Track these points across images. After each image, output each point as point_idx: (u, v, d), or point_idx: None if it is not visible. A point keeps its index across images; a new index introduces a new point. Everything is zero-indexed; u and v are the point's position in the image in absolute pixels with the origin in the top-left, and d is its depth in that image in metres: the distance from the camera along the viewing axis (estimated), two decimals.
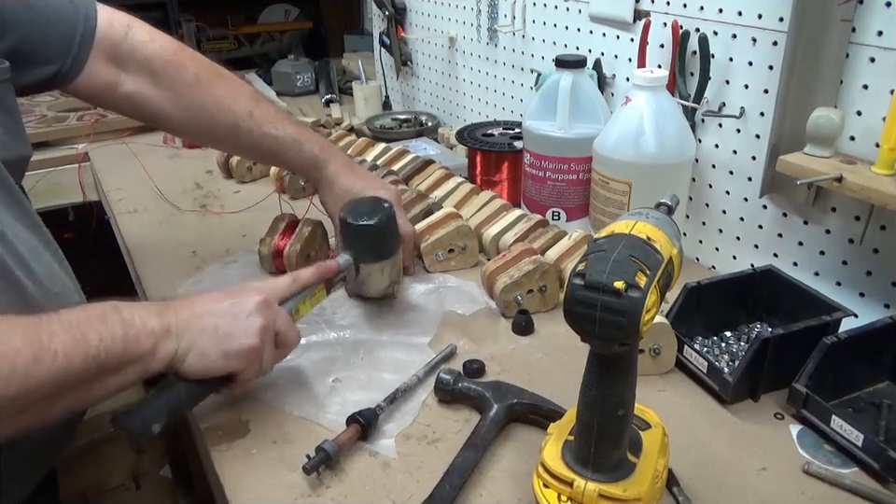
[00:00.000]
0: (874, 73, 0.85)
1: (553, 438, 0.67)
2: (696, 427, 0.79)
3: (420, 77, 1.93)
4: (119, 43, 0.93)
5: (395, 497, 0.70)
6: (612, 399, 0.60)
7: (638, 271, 0.54)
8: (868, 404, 0.81)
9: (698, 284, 0.91)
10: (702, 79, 1.05)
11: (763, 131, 0.99)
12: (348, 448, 0.75)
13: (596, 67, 1.26)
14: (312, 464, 0.71)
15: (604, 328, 0.55)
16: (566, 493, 0.63)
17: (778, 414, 0.81)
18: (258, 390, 0.84)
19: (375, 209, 0.93)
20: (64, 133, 1.75)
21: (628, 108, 1.04)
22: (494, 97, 1.63)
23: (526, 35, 1.46)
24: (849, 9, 0.85)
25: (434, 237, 1.10)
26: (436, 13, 1.77)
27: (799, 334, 0.81)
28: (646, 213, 0.61)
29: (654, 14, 1.13)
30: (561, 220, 1.22)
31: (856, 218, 0.91)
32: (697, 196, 1.14)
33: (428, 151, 1.55)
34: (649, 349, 0.86)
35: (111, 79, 0.93)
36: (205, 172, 1.56)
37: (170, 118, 0.97)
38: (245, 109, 0.98)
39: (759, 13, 0.97)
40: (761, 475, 0.73)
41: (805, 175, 0.86)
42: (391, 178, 1.30)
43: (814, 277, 0.97)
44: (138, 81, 0.95)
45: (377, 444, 0.77)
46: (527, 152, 1.22)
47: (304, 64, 2.26)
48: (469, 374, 0.86)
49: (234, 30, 3.32)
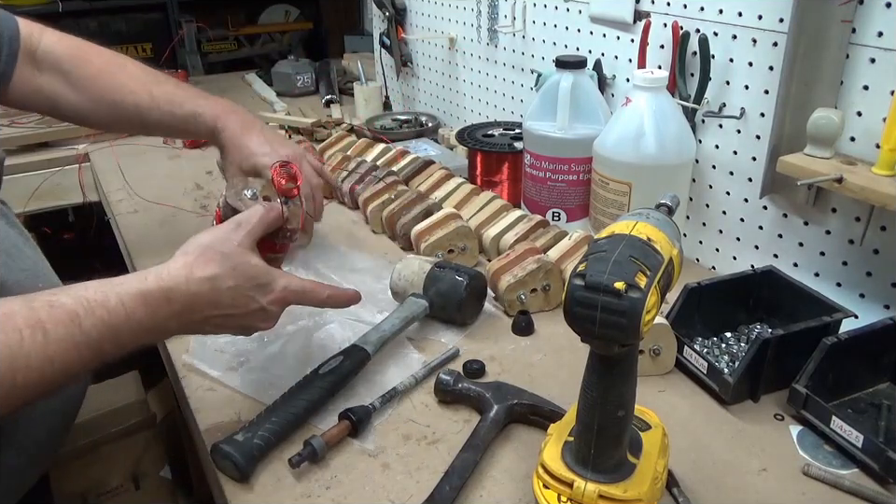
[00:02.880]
0: (874, 74, 0.85)
1: (552, 438, 0.67)
2: (696, 428, 0.79)
3: (420, 77, 1.93)
4: (36, 49, 0.99)
5: (395, 498, 0.70)
6: (612, 400, 0.60)
7: (639, 271, 0.54)
8: (868, 405, 0.81)
9: (698, 284, 0.91)
10: (702, 80, 1.05)
11: (764, 131, 0.99)
12: (335, 444, 0.75)
13: (597, 68, 1.26)
14: (297, 458, 0.72)
15: (604, 328, 0.55)
16: (566, 493, 0.63)
17: (778, 415, 0.81)
18: (257, 391, 0.84)
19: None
20: (64, 133, 1.75)
21: (628, 109, 1.04)
22: (494, 98, 1.63)
23: (527, 35, 1.46)
24: (849, 10, 0.85)
25: (434, 237, 1.11)
26: (436, 14, 1.77)
27: (799, 335, 0.81)
28: (646, 213, 0.61)
29: (655, 15, 1.13)
30: (561, 221, 1.22)
31: (856, 219, 0.91)
32: (697, 197, 1.14)
33: (429, 152, 1.55)
34: (649, 350, 0.86)
35: (34, 84, 0.99)
36: (205, 172, 1.56)
37: (83, 112, 1.03)
38: (145, 91, 1.03)
39: (759, 14, 0.97)
40: (761, 476, 0.73)
41: (805, 176, 0.86)
42: (391, 178, 1.30)
43: (814, 278, 0.97)
44: (53, 82, 1.00)
45: (363, 439, 0.77)
46: (528, 153, 1.22)
47: (304, 65, 2.26)
48: (470, 375, 0.86)
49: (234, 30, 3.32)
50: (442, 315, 0.97)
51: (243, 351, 0.91)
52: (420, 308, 0.94)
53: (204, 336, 0.93)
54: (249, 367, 0.88)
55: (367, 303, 1.02)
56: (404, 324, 0.91)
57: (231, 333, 0.75)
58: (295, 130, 1.80)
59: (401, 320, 0.91)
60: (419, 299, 0.95)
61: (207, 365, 0.89)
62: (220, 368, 0.88)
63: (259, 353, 0.91)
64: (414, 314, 0.93)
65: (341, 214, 1.36)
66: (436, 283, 0.95)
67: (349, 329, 0.95)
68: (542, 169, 1.19)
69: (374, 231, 1.27)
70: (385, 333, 0.88)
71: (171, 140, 1.76)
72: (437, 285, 0.95)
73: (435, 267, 0.97)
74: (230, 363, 0.89)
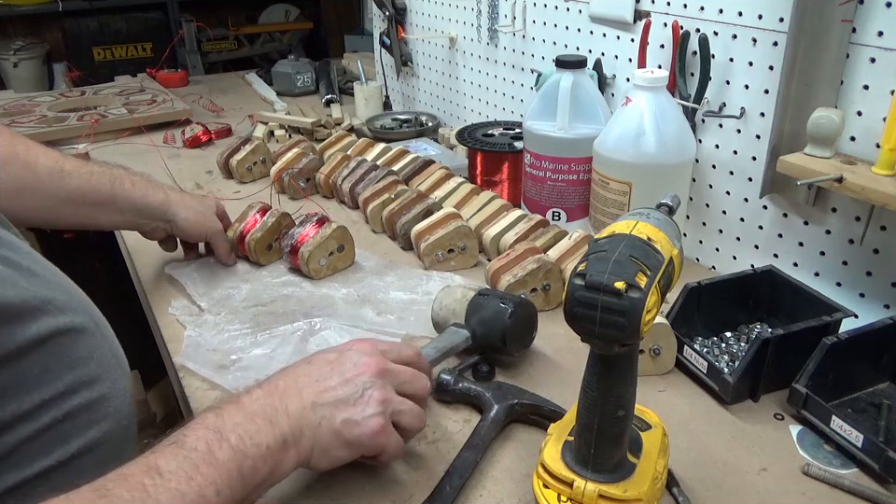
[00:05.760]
0: (874, 73, 0.85)
1: (552, 438, 0.67)
2: (696, 428, 0.79)
3: (420, 77, 1.93)
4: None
5: (395, 497, 0.70)
6: (612, 400, 0.60)
7: (639, 271, 0.54)
8: (868, 405, 0.81)
9: (698, 284, 0.91)
10: (702, 80, 1.05)
11: (764, 131, 0.99)
12: None
13: (597, 67, 1.26)
14: None
15: (604, 328, 0.55)
16: (565, 493, 0.63)
17: (778, 415, 0.81)
18: None
19: None
20: (65, 133, 1.75)
21: (628, 108, 1.04)
22: (494, 97, 1.63)
23: (527, 35, 1.46)
24: (850, 10, 0.85)
25: (434, 237, 1.11)
26: (436, 13, 1.77)
27: (799, 335, 0.81)
28: (646, 213, 0.61)
29: (655, 14, 1.13)
30: (561, 220, 1.22)
31: (856, 219, 0.91)
32: (697, 196, 1.14)
33: (429, 151, 1.55)
34: (649, 349, 0.86)
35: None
36: (206, 172, 1.56)
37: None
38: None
39: (759, 13, 0.97)
40: (761, 475, 0.73)
41: (805, 176, 0.86)
42: (391, 178, 1.30)
43: (814, 278, 0.97)
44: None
45: None
46: (528, 152, 1.22)
47: (305, 65, 2.26)
48: (480, 378, 0.85)
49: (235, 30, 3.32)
50: (486, 346, 0.87)
51: (234, 349, 0.91)
52: (461, 339, 0.84)
53: (198, 336, 0.94)
54: (241, 366, 0.88)
55: (365, 304, 1.02)
56: (440, 355, 0.81)
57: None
58: (295, 129, 1.80)
59: (437, 351, 0.81)
60: (460, 329, 0.86)
61: (198, 364, 0.89)
62: (210, 367, 0.88)
63: (250, 352, 0.91)
64: (454, 343, 0.84)
65: (341, 213, 1.36)
66: (478, 311, 0.87)
67: (346, 335, 0.93)
68: (542, 169, 1.19)
69: (374, 230, 1.27)
70: None
71: (171, 139, 1.76)
72: (479, 313, 0.86)
73: (478, 294, 0.89)
74: (220, 362, 0.89)
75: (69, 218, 0.96)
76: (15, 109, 1.89)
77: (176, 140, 1.75)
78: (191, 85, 2.38)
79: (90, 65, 3.04)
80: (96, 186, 0.96)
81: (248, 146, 1.50)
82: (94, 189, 0.96)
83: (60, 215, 0.95)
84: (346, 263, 1.12)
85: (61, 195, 0.93)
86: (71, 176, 0.94)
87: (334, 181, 1.38)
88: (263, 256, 1.12)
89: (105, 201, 0.97)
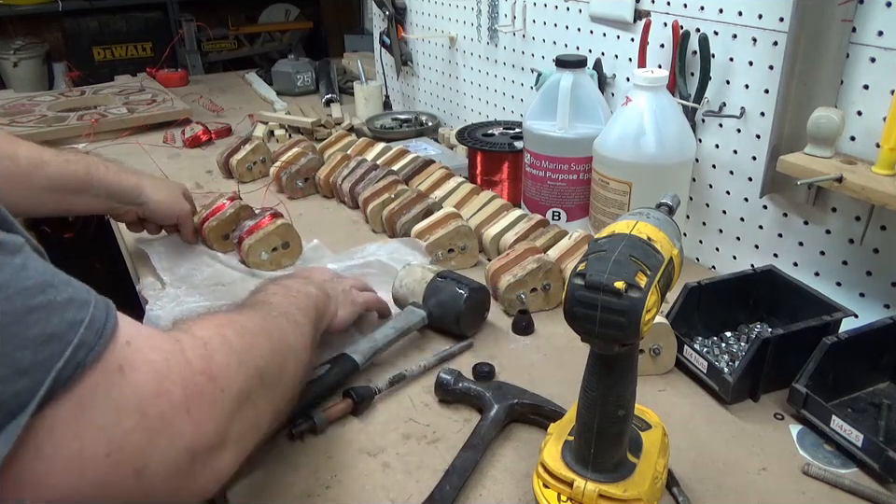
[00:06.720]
0: (874, 73, 0.85)
1: (552, 438, 0.67)
2: (696, 428, 0.79)
3: (420, 76, 1.93)
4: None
5: (395, 497, 0.70)
6: (612, 400, 0.60)
7: (639, 271, 0.54)
8: (868, 404, 0.81)
9: (698, 284, 0.91)
10: (702, 79, 1.05)
11: (764, 131, 0.99)
12: (336, 419, 0.78)
13: (597, 67, 1.26)
14: (298, 429, 0.73)
15: (604, 328, 0.55)
16: (566, 493, 0.63)
17: (778, 415, 0.81)
18: None
19: None
20: (65, 132, 1.75)
21: (628, 108, 1.04)
22: (494, 97, 1.63)
23: (527, 34, 1.46)
24: (850, 9, 0.85)
25: (434, 237, 1.11)
26: (436, 13, 1.77)
27: (799, 334, 0.81)
28: (646, 213, 0.61)
29: (655, 14, 1.13)
30: (561, 220, 1.22)
31: (856, 219, 0.91)
32: (697, 196, 1.14)
33: (429, 151, 1.55)
34: (649, 349, 0.86)
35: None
36: (206, 172, 1.56)
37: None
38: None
39: (759, 13, 0.97)
40: (761, 475, 0.73)
41: (805, 176, 0.86)
42: (391, 178, 1.30)
43: (814, 277, 0.97)
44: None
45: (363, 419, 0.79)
46: (528, 152, 1.22)
47: (305, 64, 2.26)
48: (480, 378, 0.85)
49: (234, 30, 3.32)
50: (441, 327, 0.94)
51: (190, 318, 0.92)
52: (417, 318, 0.91)
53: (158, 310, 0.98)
54: None
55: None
56: (399, 334, 0.89)
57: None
58: (295, 129, 1.80)
59: (396, 330, 0.89)
60: (418, 309, 0.93)
61: None
62: None
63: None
64: (411, 324, 0.91)
65: (341, 213, 1.36)
66: (436, 293, 0.93)
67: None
68: (542, 168, 1.19)
69: (374, 230, 1.27)
70: (377, 343, 0.86)
71: (171, 139, 1.76)
72: (437, 295, 0.93)
73: (437, 277, 0.94)
74: None
75: (50, 206, 1.00)
76: (15, 109, 1.89)
77: (176, 140, 1.75)
78: (191, 85, 2.38)
79: (89, 65, 3.04)
80: (73, 172, 1.00)
81: (248, 145, 1.50)
82: (71, 175, 1.00)
83: (41, 202, 0.98)
84: (291, 260, 1.14)
85: (41, 183, 0.96)
86: (49, 165, 0.97)
87: (334, 181, 1.38)
88: (219, 244, 1.16)
89: (81, 186, 1.01)
